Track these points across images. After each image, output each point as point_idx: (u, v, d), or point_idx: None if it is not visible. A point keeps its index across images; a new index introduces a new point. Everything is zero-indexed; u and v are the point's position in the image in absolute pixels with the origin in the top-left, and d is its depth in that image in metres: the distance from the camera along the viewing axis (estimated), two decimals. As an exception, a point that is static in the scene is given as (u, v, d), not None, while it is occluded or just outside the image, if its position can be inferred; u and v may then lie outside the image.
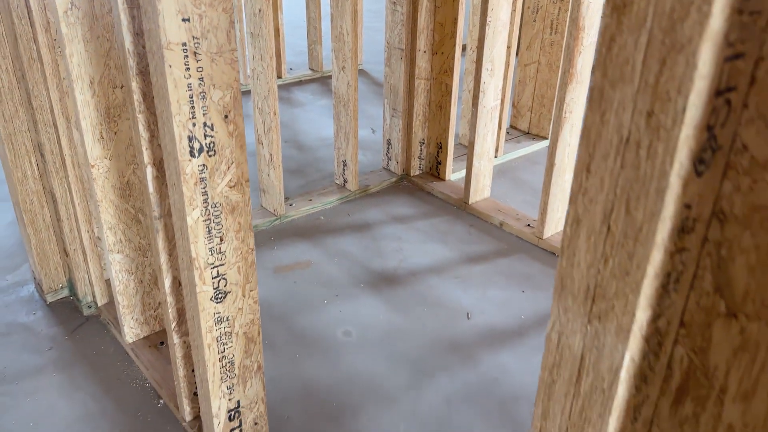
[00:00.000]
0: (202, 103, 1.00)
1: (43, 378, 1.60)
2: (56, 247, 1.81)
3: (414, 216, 2.45)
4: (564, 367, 0.51)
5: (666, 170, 0.39)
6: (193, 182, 1.04)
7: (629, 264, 0.43)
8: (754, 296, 0.45)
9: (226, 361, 1.23)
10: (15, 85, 1.60)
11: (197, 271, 1.11)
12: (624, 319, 0.45)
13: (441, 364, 1.68)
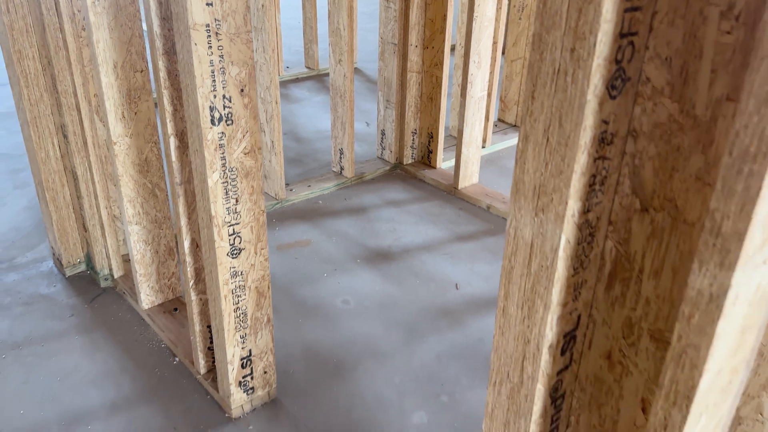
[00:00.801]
0: (221, 77, 1.15)
1: (66, 341, 1.74)
2: (75, 223, 1.95)
3: (407, 200, 2.60)
4: (519, 253, 0.66)
5: (584, 90, 0.54)
6: (213, 148, 1.19)
7: (562, 164, 0.58)
8: (659, 193, 0.61)
9: (239, 312, 1.38)
10: (40, 71, 1.74)
11: (216, 228, 1.26)
12: (560, 208, 0.60)
13: (432, 328, 1.83)
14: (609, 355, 0.71)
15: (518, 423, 0.73)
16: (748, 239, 0.48)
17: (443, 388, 1.61)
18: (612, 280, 0.68)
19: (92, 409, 1.51)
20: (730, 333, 0.55)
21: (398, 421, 1.50)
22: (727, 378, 0.61)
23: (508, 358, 0.71)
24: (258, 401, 1.52)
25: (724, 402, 0.64)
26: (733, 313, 0.53)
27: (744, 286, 0.53)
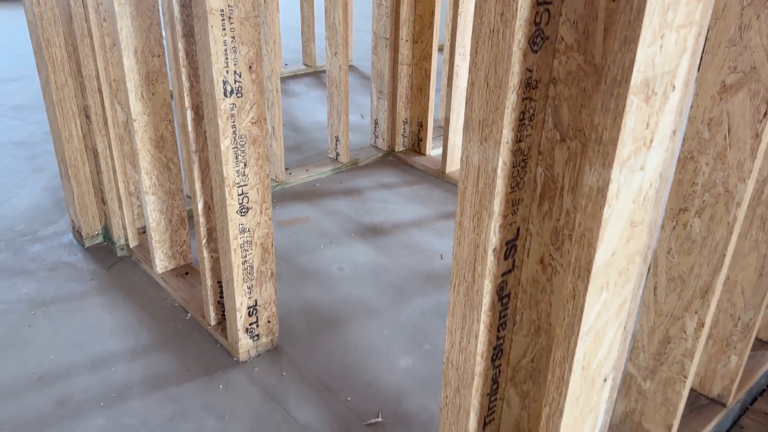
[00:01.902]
0: (233, 55, 1.35)
1: (88, 300, 1.93)
2: (94, 198, 2.15)
3: (398, 183, 2.80)
4: (470, 176, 0.85)
5: (511, 44, 0.73)
6: (225, 117, 1.39)
7: (498, 102, 0.78)
8: (572, 126, 0.81)
9: (247, 264, 1.58)
10: (65, 58, 1.94)
11: (227, 189, 1.46)
12: (497, 136, 0.79)
13: (418, 290, 2.03)
14: (542, 260, 0.91)
15: (472, 315, 0.93)
16: (620, 144, 0.68)
17: (427, 338, 1.81)
18: (542, 198, 0.87)
19: (114, 354, 1.70)
20: (618, 221, 0.75)
21: (387, 365, 1.70)
22: (624, 264, 0.81)
23: (463, 263, 0.91)
24: (262, 348, 1.71)
25: (625, 285, 0.83)
26: (618, 205, 0.73)
27: (624, 184, 0.72)
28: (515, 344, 0.99)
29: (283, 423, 1.49)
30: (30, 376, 1.63)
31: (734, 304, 1.44)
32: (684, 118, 0.78)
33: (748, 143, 1.01)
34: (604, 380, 0.90)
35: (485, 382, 0.99)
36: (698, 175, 1.08)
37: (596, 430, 0.95)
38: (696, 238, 1.11)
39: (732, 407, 1.56)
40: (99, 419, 1.49)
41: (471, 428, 1.01)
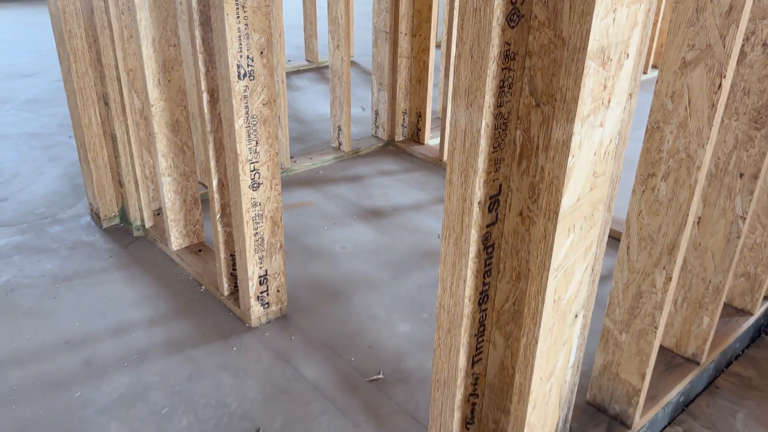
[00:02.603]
0: (246, 41, 1.48)
1: (107, 275, 2.06)
2: (111, 181, 2.28)
3: (397, 171, 2.93)
4: (457, 138, 0.98)
5: (491, 20, 0.86)
6: (239, 98, 1.52)
7: (480, 71, 0.91)
8: (545, 92, 0.94)
9: (258, 236, 1.71)
10: (86, 49, 2.07)
11: (240, 165, 1.59)
12: (480, 101, 0.92)
13: (416, 266, 2.16)
14: (521, 213, 1.04)
15: (460, 262, 1.06)
16: (580, 102, 0.81)
17: (424, 308, 1.94)
18: (521, 158, 1.00)
19: (134, 322, 1.84)
20: (581, 171, 0.88)
21: (387, 331, 1.83)
22: (589, 210, 0.94)
23: (453, 216, 1.04)
24: (272, 315, 1.84)
25: (591, 230, 0.96)
26: (580, 156, 0.86)
27: (586, 137, 0.85)
28: (499, 290, 1.12)
29: (293, 380, 1.62)
30: (57, 340, 1.76)
31: (705, 269, 1.57)
32: (639, 83, 0.91)
33: (706, 113, 1.14)
34: (575, 316, 1.03)
35: (473, 324, 1.12)
36: (663, 143, 1.21)
37: (570, 363, 1.08)
38: (663, 200, 1.24)
39: (706, 367, 1.69)
40: (123, 378, 1.63)
41: (461, 365, 1.14)
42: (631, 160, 2.68)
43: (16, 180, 2.72)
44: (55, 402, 1.55)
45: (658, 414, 1.54)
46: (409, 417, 1.52)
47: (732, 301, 1.86)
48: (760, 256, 1.76)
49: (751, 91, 1.39)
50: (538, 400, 1.04)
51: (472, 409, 1.23)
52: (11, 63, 4.48)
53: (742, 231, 1.49)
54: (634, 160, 2.57)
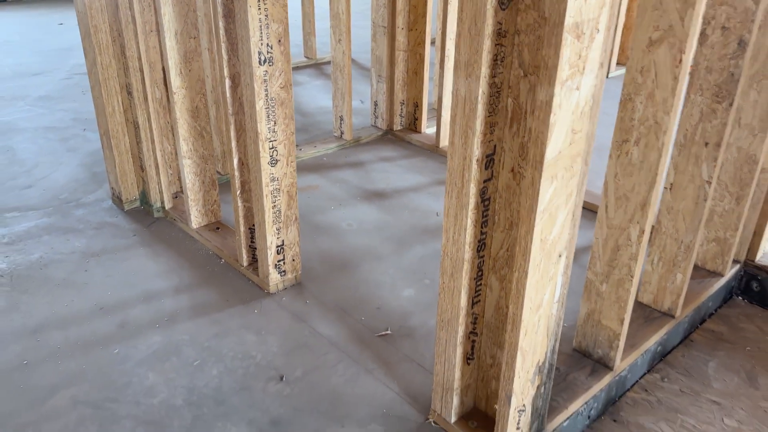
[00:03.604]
0: (266, 31, 1.66)
1: (132, 251, 2.23)
2: (133, 166, 2.45)
3: (397, 157, 3.11)
4: (459, 105, 1.16)
5: (486, 4, 1.04)
6: (260, 82, 1.70)
7: (477, 46, 1.08)
8: (531, 64, 1.12)
9: (276, 209, 1.88)
10: (110, 42, 2.24)
11: (260, 143, 1.77)
12: (478, 72, 1.10)
13: (417, 240, 2.34)
14: (513, 169, 1.22)
15: (461, 213, 1.24)
16: (559, 68, 1.00)
17: (425, 275, 2.12)
18: (512, 122, 1.19)
19: (162, 291, 2.01)
20: (562, 127, 1.06)
21: (392, 295, 2.01)
22: (569, 162, 1.12)
23: (455, 173, 1.22)
24: (288, 282, 2.02)
25: (571, 180, 1.15)
26: (561, 114, 1.04)
27: (565, 98, 1.04)
28: (495, 239, 1.30)
29: (310, 336, 1.80)
30: (92, 307, 1.93)
31: (677, 230, 1.76)
32: (608, 55, 1.09)
33: (670, 84, 1.33)
34: (559, 256, 1.21)
35: (472, 268, 1.30)
36: (635, 112, 1.39)
37: (555, 298, 1.26)
38: (635, 163, 1.43)
39: (681, 321, 1.88)
40: (155, 337, 1.80)
41: (462, 305, 1.33)
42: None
43: (37, 169, 2.89)
44: (96, 358, 1.72)
45: (637, 360, 1.72)
46: (415, 364, 1.70)
47: (705, 265, 2.05)
48: (728, 222, 1.95)
49: (713, 69, 1.58)
50: (529, 328, 1.23)
51: (472, 346, 1.41)
52: (20, 63, 4.64)
53: (709, 194, 1.68)
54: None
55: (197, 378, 1.64)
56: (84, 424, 1.50)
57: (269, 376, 1.65)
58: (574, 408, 1.52)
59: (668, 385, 1.78)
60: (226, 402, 1.56)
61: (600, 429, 1.63)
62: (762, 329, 2.02)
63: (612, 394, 1.68)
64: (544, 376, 1.35)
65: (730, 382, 1.80)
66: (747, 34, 1.50)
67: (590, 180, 2.79)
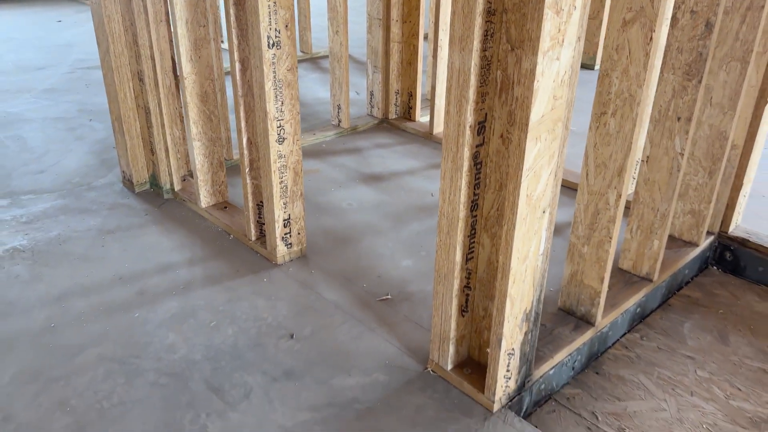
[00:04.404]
0: (274, 17, 1.80)
1: (146, 228, 2.37)
2: (143, 150, 2.58)
3: (392, 144, 3.26)
4: (453, 76, 1.30)
5: None
6: (268, 64, 1.84)
7: (470, 23, 1.23)
8: (517, 39, 1.27)
9: (283, 185, 2.02)
10: (122, 32, 2.37)
11: (269, 122, 1.91)
12: (470, 46, 1.24)
13: (413, 218, 2.49)
14: (502, 135, 1.37)
15: (456, 175, 1.38)
16: (541, 40, 1.14)
17: (422, 248, 2.27)
18: (501, 92, 1.33)
19: (176, 263, 2.15)
20: (544, 93, 1.21)
21: (392, 265, 2.16)
22: (551, 125, 1.27)
23: (451, 139, 1.37)
24: (294, 255, 2.16)
25: (553, 142, 1.29)
26: (543, 81, 1.19)
27: (546, 67, 1.18)
28: (486, 200, 1.45)
29: (317, 301, 1.94)
30: (111, 277, 2.06)
31: (654, 200, 1.91)
32: (585, 30, 1.24)
33: (642, 60, 1.48)
34: (543, 211, 1.36)
35: (466, 226, 1.45)
36: (611, 86, 1.54)
37: (540, 251, 1.41)
38: (612, 133, 1.58)
39: (659, 285, 2.04)
40: (173, 303, 1.94)
41: (457, 260, 1.47)
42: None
43: (48, 156, 3.01)
44: (118, 321, 1.85)
45: (617, 319, 1.88)
46: (414, 323, 1.85)
47: (681, 236, 2.21)
48: (702, 195, 2.11)
49: (683, 49, 1.73)
50: (517, 277, 1.37)
51: (467, 299, 1.56)
52: (23, 58, 4.75)
53: (682, 165, 1.84)
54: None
55: (214, 337, 1.78)
56: (111, 376, 1.64)
57: (280, 335, 1.79)
58: (559, 358, 1.67)
59: (647, 343, 1.94)
60: (242, 357, 1.70)
61: (584, 380, 1.78)
62: (734, 295, 2.18)
63: (594, 349, 1.83)
64: (531, 324, 1.50)
65: (703, 340, 1.96)
66: (713, 16, 1.65)
67: (574, 162, 2.95)
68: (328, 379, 1.63)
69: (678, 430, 1.63)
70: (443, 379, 1.62)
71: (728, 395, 1.75)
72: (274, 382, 1.62)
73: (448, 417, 1.51)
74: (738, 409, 1.70)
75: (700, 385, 1.78)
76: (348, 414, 1.52)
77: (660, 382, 1.78)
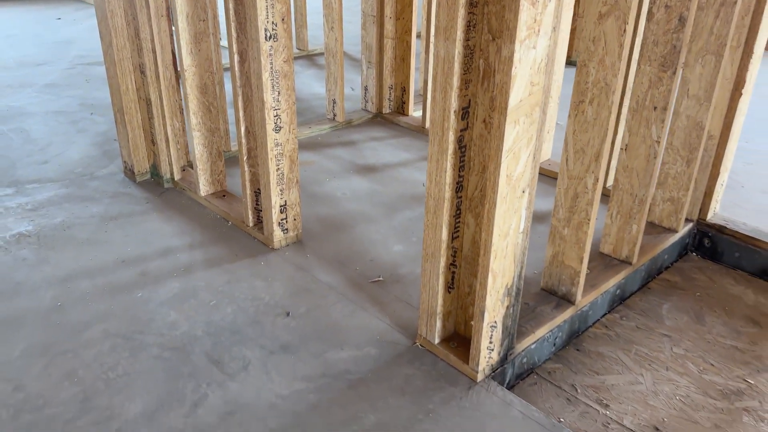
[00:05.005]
0: (271, 10, 1.89)
1: (148, 215, 2.46)
2: (144, 141, 2.67)
3: (386, 137, 3.35)
4: (439, 64, 1.40)
5: None
6: (265, 56, 1.93)
7: (454, 14, 1.32)
8: (498, 29, 1.36)
9: (279, 172, 2.12)
10: (125, 26, 2.46)
11: (266, 111, 2.00)
12: (454, 36, 1.33)
13: (405, 206, 2.58)
14: (484, 120, 1.46)
15: (442, 158, 1.48)
16: (518, 30, 1.24)
17: (413, 233, 2.36)
18: (484, 79, 1.43)
19: (177, 247, 2.24)
20: (522, 79, 1.30)
21: (384, 249, 2.25)
22: (529, 109, 1.36)
23: (436, 123, 1.46)
24: (290, 240, 2.25)
25: (531, 125, 1.39)
26: (521, 68, 1.29)
27: (524, 55, 1.28)
28: (470, 182, 1.55)
29: (312, 282, 2.04)
30: (115, 260, 2.15)
31: (632, 185, 2.01)
32: (560, 20, 1.34)
33: (617, 51, 1.58)
34: (523, 191, 1.45)
35: (452, 207, 1.54)
36: (589, 75, 1.64)
37: (521, 228, 1.50)
38: (590, 120, 1.68)
39: (638, 268, 2.13)
40: (174, 283, 2.03)
41: (443, 240, 1.57)
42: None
43: (51, 148, 3.10)
44: (122, 300, 1.94)
45: (597, 299, 1.97)
46: (404, 303, 1.94)
47: (661, 222, 2.31)
48: (681, 183, 2.21)
49: (659, 42, 1.83)
50: (498, 252, 1.47)
51: (453, 277, 1.66)
52: (23, 54, 4.83)
53: (659, 153, 1.93)
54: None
55: (214, 315, 1.87)
56: (116, 350, 1.73)
57: (277, 313, 1.88)
58: (540, 333, 1.77)
59: (626, 323, 2.04)
60: (240, 332, 1.80)
61: (564, 356, 1.88)
62: (711, 279, 2.28)
63: (575, 327, 1.93)
64: (513, 299, 1.59)
65: (680, 320, 2.06)
66: (685, 11, 1.75)
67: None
68: (322, 353, 1.72)
69: (653, 401, 1.72)
70: (431, 353, 1.71)
71: (701, 370, 1.85)
72: (271, 355, 1.71)
73: (434, 386, 1.60)
74: (710, 383, 1.79)
75: (675, 360, 1.88)
76: (340, 383, 1.61)
77: (637, 358, 1.88)
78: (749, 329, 2.02)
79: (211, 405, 1.54)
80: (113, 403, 1.54)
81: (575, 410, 1.68)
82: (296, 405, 1.54)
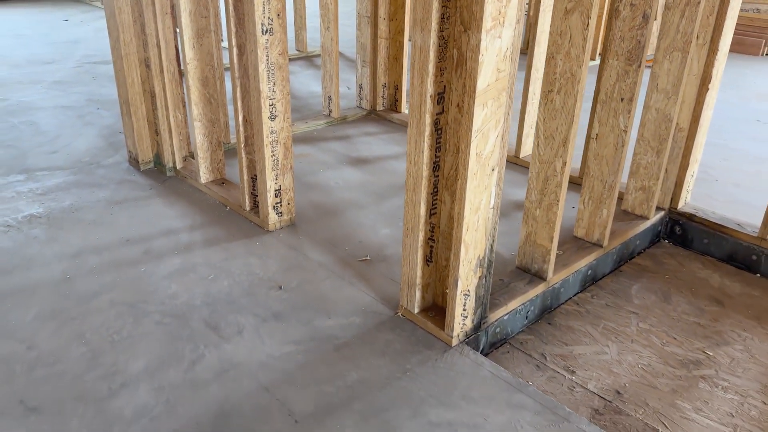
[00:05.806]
0: (268, 6, 2.05)
1: (151, 200, 2.61)
2: (149, 131, 2.82)
3: (379, 132, 3.51)
4: (416, 53, 1.54)
5: None
6: (262, 49, 2.08)
7: (429, 7, 1.47)
8: (470, 22, 1.51)
9: (274, 158, 2.27)
10: (131, 22, 2.62)
11: (262, 100, 2.15)
12: (429, 27, 1.48)
13: (394, 195, 2.73)
14: (458, 105, 1.61)
15: (420, 139, 1.63)
16: (484, 20, 1.39)
17: (400, 219, 2.51)
18: (457, 67, 1.58)
19: (178, 228, 2.38)
20: (489, 66, 1.45)
21: (372, 233, 2.40)
22: (496, 93, 1.51)
23: (415, 107, 1.61)
24: (284, 223, 2.40)
25: (499, 108, 1.54)
26: (487, 55, 1.43)
27: (490, 44, 1.43)
28: (446, 162, 1.69)
29: (303, 260, 2.18)
30: (120, 239, 2.30)
31: (602, 173, 2.16)
32: (523, 12, 1.49)
33: (581, 44, 1.73)
34: (492, 169, 1.60)
35: (429, 184, 1.69)
36: (556, 67, 1.79)
37: (491, 204, 1.65)
38: (557, 108, 1.83)
39: (610, 251, 2.28)
40: (175, 260, 2.18)
41: (422, 215, 1.71)
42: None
43: (59, 139, 3.25)
44: (127, 273, 2.09)
45: (569, 277, 2.12)
46: (389, 279, 2.09)
47: (634, 210, 2.46)
48: (651, 173, 2.35)
49: (625, 38, 1.98)
50: (470, 225, 1.62)
51: (431, 251, 1.80)
52: (32, 53, 5.00)
53: (626, 141, 2.08)
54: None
55: (212, 287, 2.02)
56: (121, 317, 1.87)
57: (270, 286, 2.03)
58: (513, 306, 1.91)
59: (596, 301, 2.18)
60: (236, 302, 1.94)
61: (536, 329, 2.02)
62: (681, 263, 2.42)
63: (547, 302, 2.07)
64: (485, 270, 1.74)
65: (647, 299, 2.20)
66: (648, 9, 1.91)
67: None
68: (311, 321, 1.86)
69: (616, 369, 1.86)
70: (411, 321, 1.86)
71: (664, 342, 1.99)
72: (264, 322, 1.85)
73: (412, 350, 1.75)
74: (671, 354, 1.94)
75: (640, 334, 2.02)
76: (327, 346, 1.76)
77: (605, 332, 2.02)
78: (713, 308, 2.16)
79: (207, 363, 1.68)
80: (118, 360, 1.69)
81: (543, 375, 1.82)
82: (286, 364, 1.69)
